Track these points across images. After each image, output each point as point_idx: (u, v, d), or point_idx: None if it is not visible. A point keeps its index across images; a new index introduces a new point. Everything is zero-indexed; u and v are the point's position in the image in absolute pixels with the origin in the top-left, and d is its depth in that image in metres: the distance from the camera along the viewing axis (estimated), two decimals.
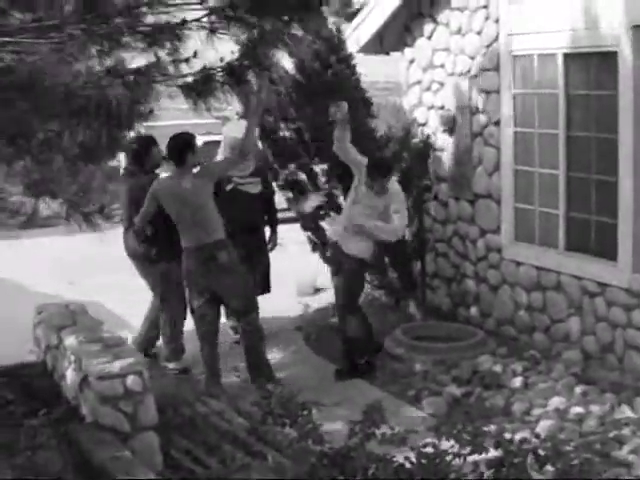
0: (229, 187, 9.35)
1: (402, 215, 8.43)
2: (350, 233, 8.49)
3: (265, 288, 9.86)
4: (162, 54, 5.75)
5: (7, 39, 4.33)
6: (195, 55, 5.88)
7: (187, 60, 5.93)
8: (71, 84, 4.08)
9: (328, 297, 10.97)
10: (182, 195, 7.94)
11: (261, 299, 9.88)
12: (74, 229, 6.34)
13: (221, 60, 6.13)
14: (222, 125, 11.25)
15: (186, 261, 8.13)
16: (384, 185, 8.38)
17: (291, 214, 10.66)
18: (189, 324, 8.73)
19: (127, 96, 4.88)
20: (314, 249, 10.31)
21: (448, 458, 4.31)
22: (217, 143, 9.94)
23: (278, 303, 10.38)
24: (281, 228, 9.97)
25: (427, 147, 10.10)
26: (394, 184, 8.58)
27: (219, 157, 9.44)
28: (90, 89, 4.34)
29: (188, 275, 8.19)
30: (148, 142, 8.83)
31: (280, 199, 10.38)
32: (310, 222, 10.20)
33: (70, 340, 6.64)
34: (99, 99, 4.41)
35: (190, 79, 6.03)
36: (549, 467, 4.42)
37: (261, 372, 8.21)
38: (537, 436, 5.33)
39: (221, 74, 6.14)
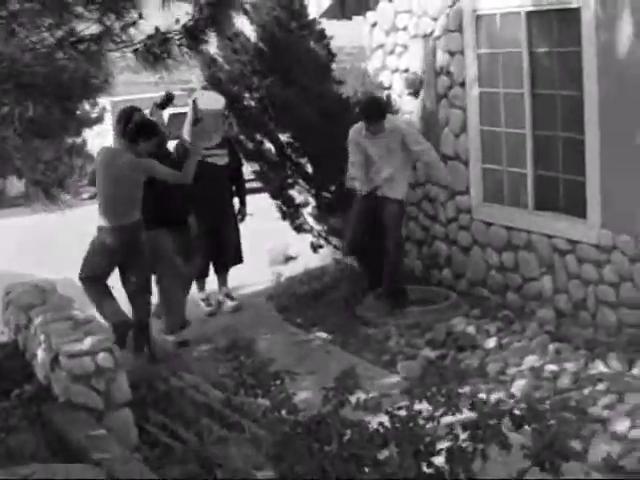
0: None
1: (424, 144, 8.96)
2: (390, 181, 8.90)
3: (237, 259, 9.85)
4: (111, 20, 5.62)
5: None
6: (141, 17, 5.76)
7: (134, 23, 5.80)
8: (19, 59, 3.99)
9: (299, 265, 10.96)
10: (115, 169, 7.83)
11: (233, 270, 9.89)
12: (41, 208, 6.27)
13: (177, 22, 6.02)
14: (188, 97, 11.15)
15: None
16: (381, 125, 8.71)
17: (258, 184, 10.60)
18: None
19: (79, 68, 4.80)
20: (284, 217, 10.25)
21: (422, 421, 4.29)
22: (183, 115, 9.85)
23: (250, 273, 10.36)
24: (249, 198, 9.93)
25: (389, 108, 10.04)
26: (396, 120, 8.98)
27: (185, 129, 9.38)
28: (40, 63, 4.25)
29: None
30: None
31: (247, 169, 10.33)
32: (278, 191, 10.13)
33: (39, 319, 6.57)
34: (47, 73, 4.32)
35: (143, 44, 5.91)
36: (526, 427, 4.41)
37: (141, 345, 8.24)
38: (512, 396, 5.36)
39: (178, 37, 6.04)
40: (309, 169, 9.98)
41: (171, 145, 9.45)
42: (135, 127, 7.88)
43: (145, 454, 5.76)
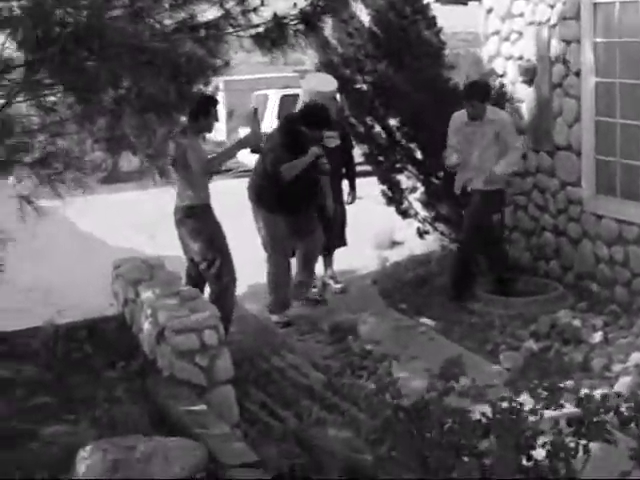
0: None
1: (515, 148, 8.82)
2: (478, 170, 8.88)
3: (341, 242, 9.88)
4: (231, 4, 5.67)
5: None
6: (262, 3, 5.80)
7: (255, 10, 5.84)
8: (139, 38, 4.06)
9: (405, 251, 10.94)
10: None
11: (339, 252, 9.92)
12: (147, 183, 6.36)
13: (294, 6, 6.04)
14: (300, 78, 11.20)
15: None
16: (480, 110, 8.64)
17: (367, 167, 10.59)
18: None
19: (196, 51, 4.85)
20: (389, 203, 10.21)
21: (525, 414, 4.25)
22: (295, 97, 9.91)
23: (355, 256, 10.38)
24: (359, 181, 9.93)
25: (501, 97, 9.94)
26: (500, 112, 8.87)
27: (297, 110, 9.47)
28: (158, 43, 4.31)
29: None
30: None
31: (356, 152, 10.33)
32: (387, 175, 10.11)
33: (147, 294, 6.69)
34: (166, 52, 4.38)
35: (261, 29, 5.95)
36: (632, 426, 4.33)
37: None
38: (619, 395, 5.24)
39: (294, 22, 6.05)
40: (418, 154, 9.92)
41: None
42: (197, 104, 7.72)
43: (245, 431, 5.83)
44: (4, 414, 5.72)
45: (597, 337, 7.79)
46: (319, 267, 9.88)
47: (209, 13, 5.62)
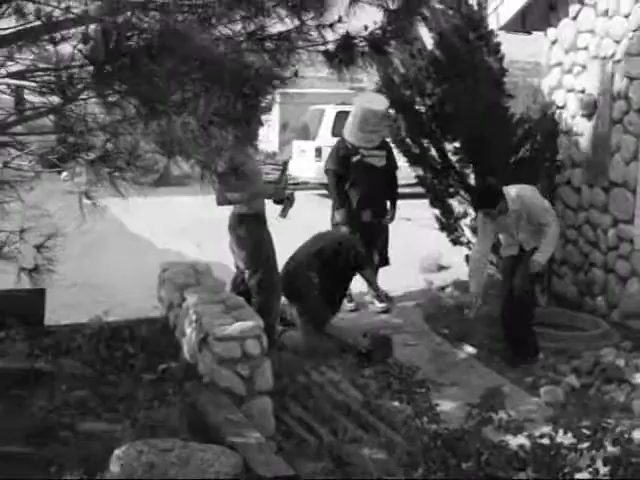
0: (355, 159, 9.45)
1: (549, 230, 8.27)
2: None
3: (383, 261, 9.90)
4: (307, 17, 5.70)
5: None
6: (340, 20, 5.83)
7: (332, 25, 5.87)
8: (211, 50, 4.10)
9: (451, 275, 10.90)
10: None
11: (383, 273, 9.91)
12: (207, 189, 6.40)
13: (365, 29, 6.06)
14: (355, 96, 11.24)
15: None
16: (499, 210, 8.21)
17: (419, 190, 10.59)
18: None
19: (266, 64, 4.89)
20: (442, 229, 10.19)
21: (564, 451, 4.23)
22: (349, 113, 9.97)
23: (401, 278, 10.37)
24: (409, 203, 9.95)
25: (557, 127, 9.90)
26: (521, 198, 8.27)
27: (347, 128, 9.57)
28: (229, 57, 4.35)
29: None
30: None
31: (409, 174, 10.35)
32: (439, 200, 10.10)
33: (193, 299, 6.73)
34: (236, 67, 4.42)
35: (332, 46, 5.98)
36: None
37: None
38: None
39: (363, 43, 6.08)
40: (472, 180, 9.91)
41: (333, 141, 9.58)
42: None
43: (280, 444, 5.84)
44: (45, 407, 5.79)
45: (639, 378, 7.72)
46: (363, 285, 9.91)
47: (279, 25, 5.65)
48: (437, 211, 10.17)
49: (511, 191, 8.22)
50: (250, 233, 7.95)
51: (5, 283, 6.29)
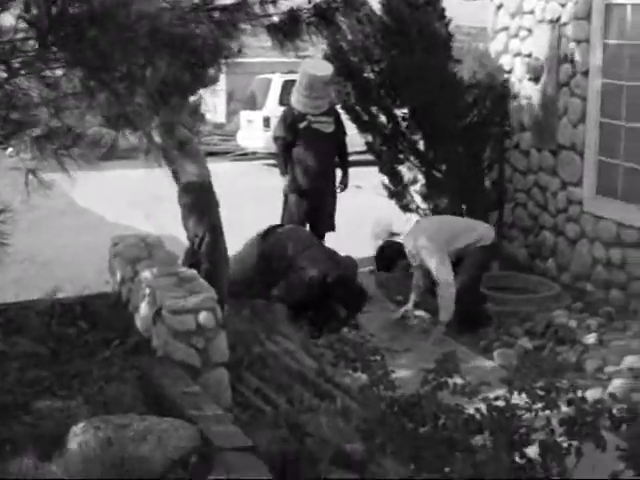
0: (303, 125, 9.44)
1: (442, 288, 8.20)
2: None
3: (330, 227, 9.91)
4: None
5: None
6: None
7: (274, 2, 5.84)
8: (157, 19, 4.05)
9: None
10: None
11: (337, 241, 9.92)
12: (155, 163, 6.35)
13: (309, 1, 6.02)
14: None
15: None
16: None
17: (370, 157, 10.58)
18: None
19: (213, 34, 4.85)
20: (390, 196, 10.20)
21: (519, 412, 4.27)
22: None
23: (353, 245, 10.36)
24: (360, 170, 9.93)
25: (506, 93, 9.94)
26: (422, 256, 8.34)
27: (293, 95, 9.55)
28: (176, 26, 4.30)
29: None
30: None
31: (360, 141, 10.33)
32: (388, 167, 10.11)
33: (145, 273, 6.67)
34: (185, 37, 4.38)
35: (276, 19, 5.94)
36: (623, 429, 4.35)
37: None
38: (613, 396, 5.27)
39: (308, 15, 6.04)
40: (421, 146, 9.92)
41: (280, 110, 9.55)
42: None
43: (237, 415, 5.83)
44: None
45: (591, 338, 7.80)
46: None
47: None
48: (386, 178, 10.18)
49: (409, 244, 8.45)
50: (195, 201, 7.93)
51: None
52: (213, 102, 13.32)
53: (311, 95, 9.50)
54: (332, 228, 9.94)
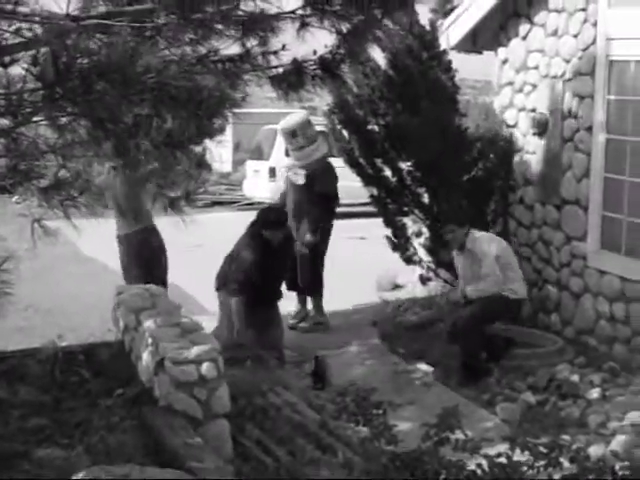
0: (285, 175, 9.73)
1: (490, 279, 8.55)
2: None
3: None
4: (252, 44, 5.73)
5: (97, 21, 4.37)
6: (284, 48, 5.86)
7: (276, 52, 5.90)
8: (163, 72, 4.10)
9: (407, 294, 10.93)
10: None
11: (338, 291, 9.94)
12: (157, 213, 6.40)
13: (314, 53, 6.09)
14: (310, 114, 11.27)
15: None
16: (457, 239, 8.68)
17: (372, 208, 10.63)
18: None
19: (219, 85, 4.90)
20: (394, 249, 10.20)
21: (522, 469, 4.24)
22: None
23: (356, 296, 10.38)
24: (364, 222, 9.97)
25: (511, 147, 9.99)
26: (482, 244, 8.70)
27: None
28: (182, 78, 4.36)
29: None
30: None
31: (364, 192, 10.39)
32: (392, 220, 10.13)
33: (148, 323, 6.68)
34: (190, 89, 4.43)
35: (280, 70, 6.01)
36: None
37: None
38: (615, 454, 5.25)
39: (313, 67, 6.10)
40: (426, 199, 9.96)
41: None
42: None
43: (238, 467, 5.81)
44: None
45: (595, 393, 7.76)
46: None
47: (231, 50, 5.67)
48: (389, 231, 10.20)
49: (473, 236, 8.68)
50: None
51: None
52: (219, 152, 13.40)
53: (289, 148, 10.08)
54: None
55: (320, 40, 6.17)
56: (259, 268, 8.26)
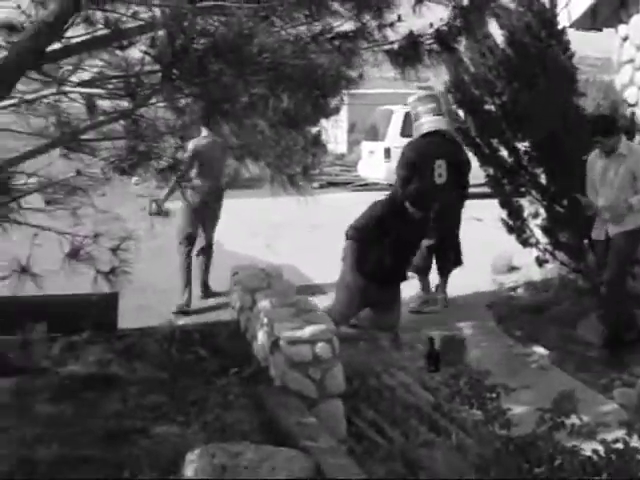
0: None
1: None
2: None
3: (457, 261, 9.91)
4: (367, 18, 5.67)
5: (213, 2, 4.39)
6: (399, 19, 5.78)
7: (392, 25, 5.82)
8: (278, 52, 4.11)
9: (523, 276, 10.80)
10: None
11: (455, 273, 9.88)
12: (277, 191, 6.42)
13: (430, 26, 6.00)
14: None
15: None
16: (609, 144, 8.29)
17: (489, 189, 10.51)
18: None
19: (334, 64, 4.89)
20: (510, 231, 10.04)
21: (639, 456, 4.15)
22: None
23: (472, 279, 10.29)
24: (480, 202, 9.87)
25: (632, 126, 9.74)
26: (635, 147, 8.47)
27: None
28: (297, 58, 4.36)
29: None
30: None
31: (481, 173, 10.27)
32: (509, 200, 9.98)
33: (264, 303, 6.75)
34: (306, 68, 4.43)
35: (396, 45, 5.93)
36: None
37: None
38: None
39: (429, 41, 6.01)
40: (543, 180, 9.79)
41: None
42: None
43: (351, 447, 5.82)
44: (118, 411, 5.84)
45: None
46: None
47: (345, 26, 5.63)
48: (505, 212, 10.06)
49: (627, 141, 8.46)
50: None
51: (78, 287, 6.34)
52: (334, 133, 13.43)
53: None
54: (460, 262, 10.00)
55: (435, 15, 6.08)
56: (390, 241, 8.30)
